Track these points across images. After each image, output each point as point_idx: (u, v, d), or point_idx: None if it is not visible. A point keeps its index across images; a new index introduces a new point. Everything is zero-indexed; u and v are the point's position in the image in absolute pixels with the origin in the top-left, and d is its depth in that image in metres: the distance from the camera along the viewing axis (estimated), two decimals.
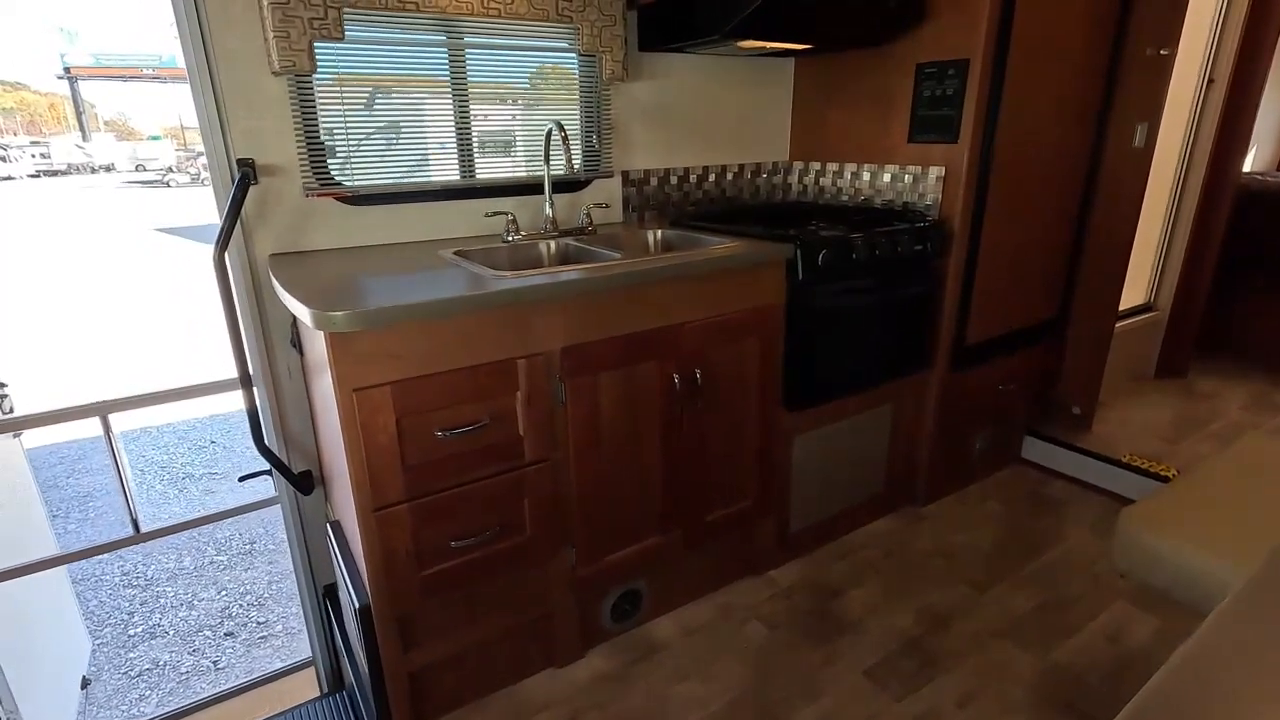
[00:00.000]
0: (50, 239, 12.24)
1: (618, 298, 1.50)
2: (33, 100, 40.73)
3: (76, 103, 30.18)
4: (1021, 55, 1.93)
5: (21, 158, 24.02)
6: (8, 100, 39.14)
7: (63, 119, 36.02)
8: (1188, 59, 2.64)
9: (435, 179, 1.86)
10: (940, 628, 1.80)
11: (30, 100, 40.71)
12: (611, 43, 1.94)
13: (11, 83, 41.44)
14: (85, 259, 10.63)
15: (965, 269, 2.08)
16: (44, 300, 8.37)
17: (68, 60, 26.27)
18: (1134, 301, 3.09)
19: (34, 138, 30.74)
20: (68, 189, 19.86)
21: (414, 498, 1.35)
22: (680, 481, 1.73)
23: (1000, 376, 2.37)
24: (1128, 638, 1.74)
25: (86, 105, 32.54)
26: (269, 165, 1.61)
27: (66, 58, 26.27)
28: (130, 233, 12.76)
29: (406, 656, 1.47)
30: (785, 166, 2.54)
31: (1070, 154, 2.26)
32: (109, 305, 8.13)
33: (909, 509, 2.33)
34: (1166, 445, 2.59)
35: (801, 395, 1.90)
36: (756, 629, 1.81)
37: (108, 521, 3.87)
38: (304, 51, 1.53)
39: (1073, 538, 2.16)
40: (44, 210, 15.72)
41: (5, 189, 20.15)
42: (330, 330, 1.18)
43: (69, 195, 18.38)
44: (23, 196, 18.28)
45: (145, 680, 2.73)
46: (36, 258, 10.68)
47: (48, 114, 38.89)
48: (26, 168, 23.45)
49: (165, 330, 7.22)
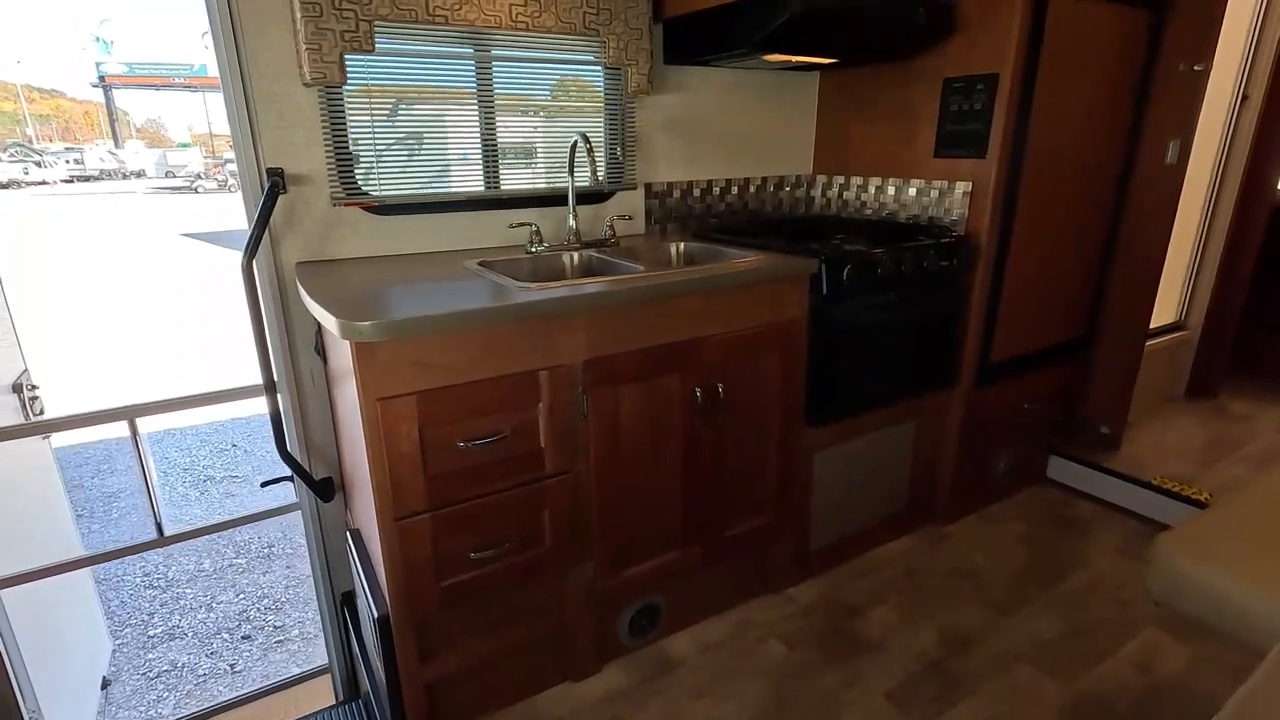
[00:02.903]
0: (82, 243, 12.53)
1: (641, 310, 1.50)
2: (68, 107, 41.83)
3: (110, 110, 30.97)
4: (1051, 70, 1.91)
5: (56, 163, 24.65)
6: (44, 107, 40.23)
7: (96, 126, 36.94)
8: (1221, 74, 2.60)
9: (460, 189, 1.88)
10: (963, 650, 1.76)
11: (66, 107, 41.81)
12: (637, 56, 1.95)
13: (48, 90, 42.59)
14: (115, 263, 10.85)
15: (991, 285, 2.05)
16: (75, 303, 8.55)
17: (103, 69, 26.99)
18: (1164, 320, 3.04)
19: (69, 144, 31.54)
20: (99, 194, 20.32)
21: (435, 508, 1.35)
22: (700, 496, 1.72)
23: (1025, 395, 2.33)
24: (1159, 667, 1.69)
25: (120, 113, 33.36)
26: (298, 175, 1.64)
27: (102, 67, 26.99)
28: (158, 237, 13.01)
29: (424, 667, 1.47)
30: (808, 180, 2.52)
31: (1100, 170, 2.23)
32: (137, 308, 8.29)
33: (930, 528, 2.29)
34: (1198, 468, 2.52)
35: (823, 411, 1.88)
36: (775, 648, 1.79)
37: (131, 523, 3.92)
38: (335, 64, 1.55)
39: (1099, 561, 2.11)
40: (76, 215, 16.09)
41: (40, 194, 20.65)
42: (357, 339, 1.19)
43: (101, 200, 18.81)
44: (56, 202, 18.73)
45: (163, 681, 2.75)
46: (69, 262, 10.93)
47: (82, 121, 39.91)
48: (60, 173, 24.05)
49: (191, 334, 7.33)
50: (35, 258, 11.18)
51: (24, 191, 20.91)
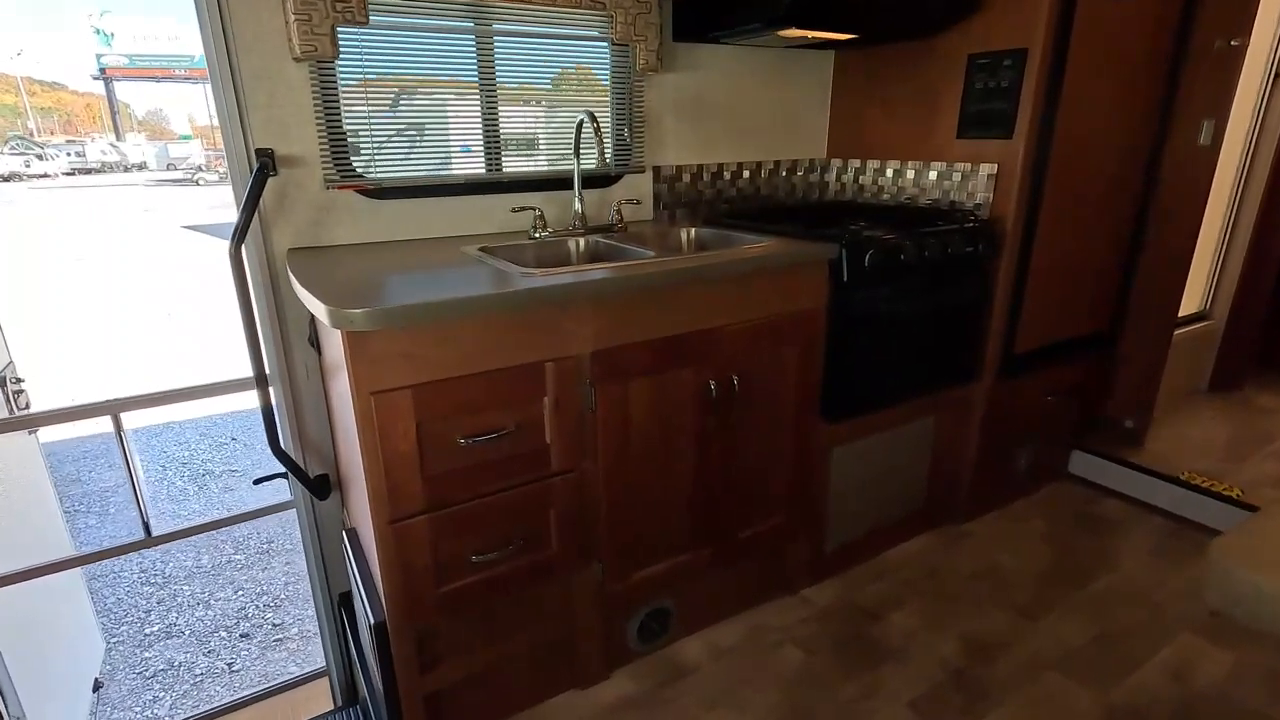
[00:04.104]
0: (83, 236, 12.46)
1: (651, 299, 1.41)
2: (70, 100, 41.72)
3: (111, 103, 30.85)
4: (1083, 45, 1.80)
5: (58, 156, 24.55)
6: (46, 100, 40.12)
7: (98, 118, 36.83)
8: (1253, 52, 2.48)
9: (460, 172, 1.79)
10: (988, 657, 1.68)
11: (67, 100, 41.71)
12: (646, 31, 1.85)
13: (50, 83, 42.46)
14: (115, 257, 10.78)
15: (1017, 273, 1.96)
16: (72, 298, 8.48)
17: (103, 61, 26.84)
18: (1188, 310, 2.93)
19: (70, 137, 31.45)
20: (101, 187, 20.26)
21: (434, 509, 1.27)
22: (713, 495, 1.63)
23: (1048, 387, 2.24)
24: (1197, 675, 1.60)
25: (121, 105, 33.25)
26: (289, 156, 1.55)
27: (102, 59, 26.84)
28: (159, 230, 12.94)
29: (423, 677, 1.39)
30: (822, 164, 2.43)
31: (1131, 150, 2.13)
32: (137, 302, 8.22)
33: (949, 526, 2.21)
34: (1227, 464, 2.43)
35: (841, 405, 1.79)
36: (791, 653, 1.71)
37: (127, 518, 3.86)
38: (326, 36, 1.46)
39: (1129, 562, 2.02)
40: (78, 208, 16.03)
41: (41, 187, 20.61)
42: (348, 329, 1.10)
43: (102, 193, 18.74)
44: (57, 195, 18.67)
45: (160, 681, 2.69)
46: (69, 255, 10.86)
47: (84, 113, 39.80)
48: (62, 165, 23.96)
49: (190, 327, 7.26)
50: (32, 251, 11.12)
51: (24, 185, 20.85)
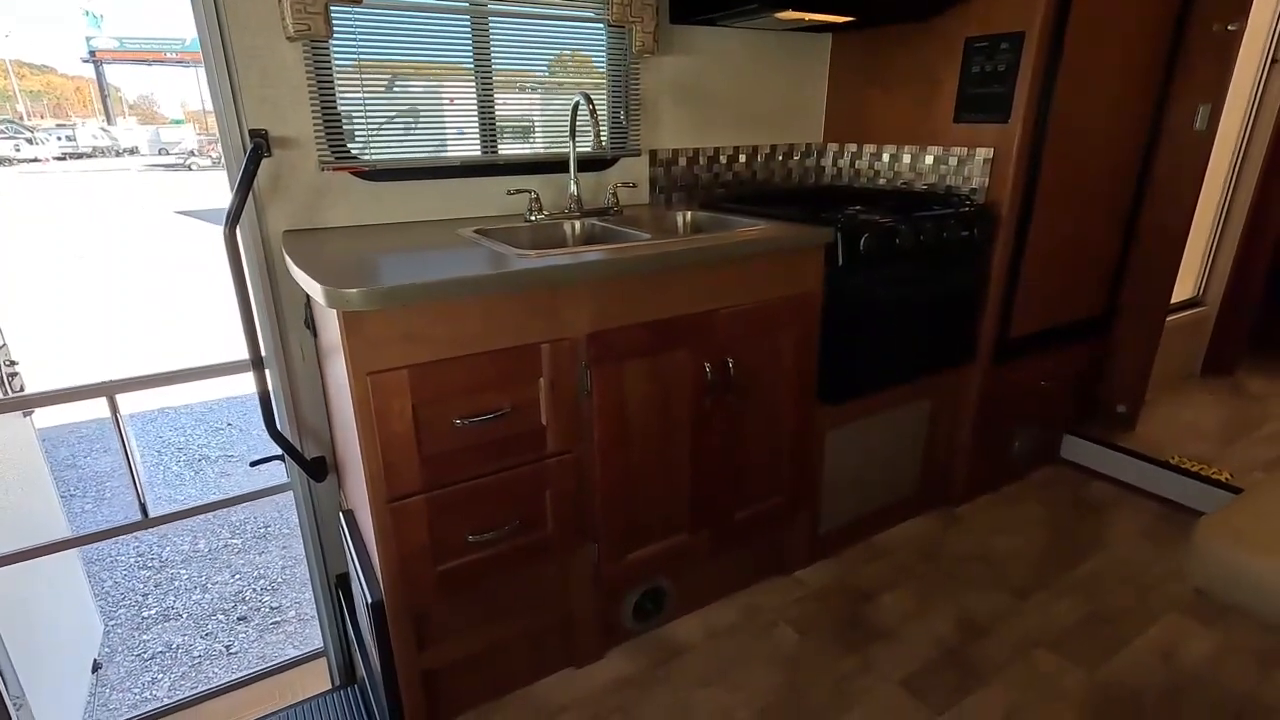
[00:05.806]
0: (74, 221, 12.36)
1: (647, 281, 1.41)
2: (59, 83, 41.17)
3: (101, 86, 30.48)
4: (1081, 28, 1.80)
5: (48, 140, 24.26)
6: (35, 83, 39.60)
7: (89, 102, 36.39)
8: (1250, 36, 2.48)
9: (455, 154, 1.78)
10: (980, 636, 1.70)
11: (57, 83, 41.16)
12: (642, 12, 1.84)
13: (39, 66, 41.88)
14: (108, 241, 10.71)
15: (1012, 257, 1.96)
16: (66, 282, 8.43)
17: (93, 44, 26.47)
18: (1181, 295, 2.94)
19: (60, 121, 31.07)
20: (92, 172, 20.06)
21: (431, 489, 1.27)
22: (709, 476, 1.64)
23: (1043, 372, 2.25)
24: (1185, 654, 1.63)
25: (111, 89, 32.85)
26: (283, 137, 1.54)
27: (92, 41, 26.47)
28: (152, 215, 12.84)
29: (420, 655, 1.40)
30: (819, 148, 2.42)
31: (1127, 136, 2.13)
32: (131, 286, 8.17)
33: (943, 509, 2.23)
34: (1217, 448, 2.45)
35: (837, 388, 1.80)
36: (785, 633, 1.73)
37: (124, 502, 3.87)
38: (320, 15, 1.45)
39: (1118, 543, 2.05)
40: (68, 193, 15.88)
41: (31, 171, 20.40)
42: (344, 309, 1.10)
43: (93, 178, 18.57)
44: (48, 179, 18.49)
45: (158, 663, 2.70)
46: (61, 240, 10.78)
47: (74, 97, 39.30)
48: (52, 150, 23.69)
49: (186, 312, 7.23)
50: (23, 236, 11.02)
51: (15, 169, 20.62)
